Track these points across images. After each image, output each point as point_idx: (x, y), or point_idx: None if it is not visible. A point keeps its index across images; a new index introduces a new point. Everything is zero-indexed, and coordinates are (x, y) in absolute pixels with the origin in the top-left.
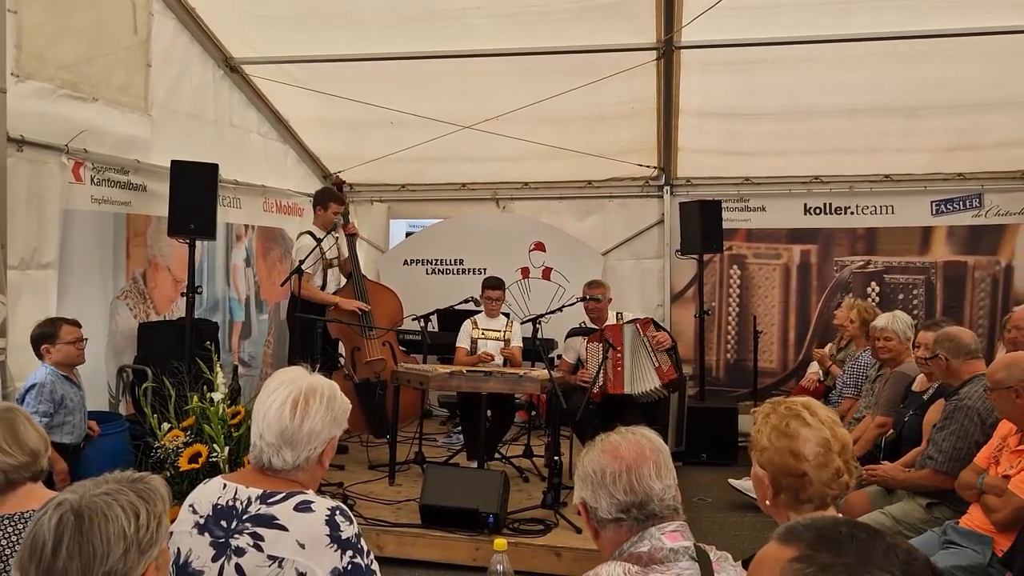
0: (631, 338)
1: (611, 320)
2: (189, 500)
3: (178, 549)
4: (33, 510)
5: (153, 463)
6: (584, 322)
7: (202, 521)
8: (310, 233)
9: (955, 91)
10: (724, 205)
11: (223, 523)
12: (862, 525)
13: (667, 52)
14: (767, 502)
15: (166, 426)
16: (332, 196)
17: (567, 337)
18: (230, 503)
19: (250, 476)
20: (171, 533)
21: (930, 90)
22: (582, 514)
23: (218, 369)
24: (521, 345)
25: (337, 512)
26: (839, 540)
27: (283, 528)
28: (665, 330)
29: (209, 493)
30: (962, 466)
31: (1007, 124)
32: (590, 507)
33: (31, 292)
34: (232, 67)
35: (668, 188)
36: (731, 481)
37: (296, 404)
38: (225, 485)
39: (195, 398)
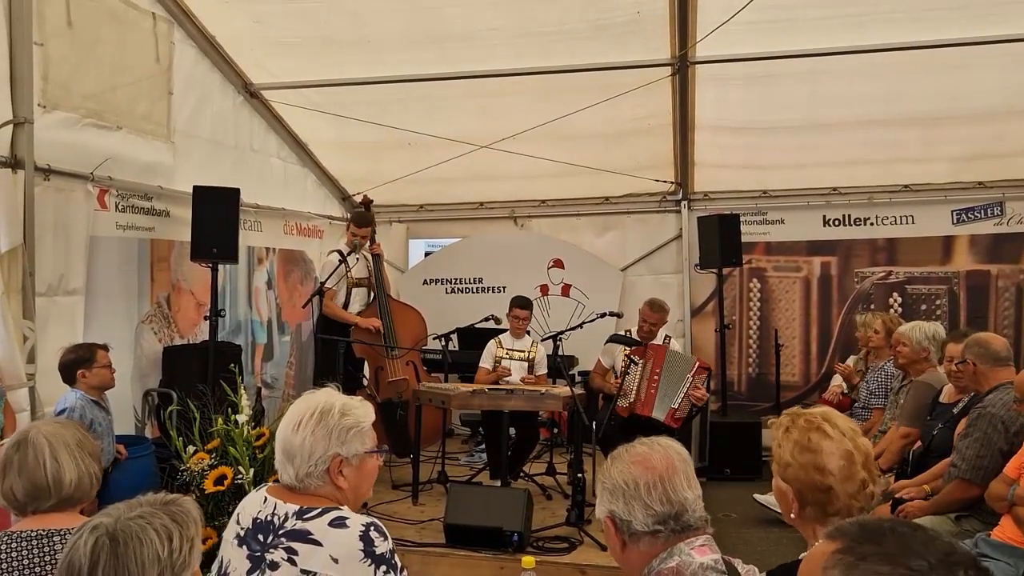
0: (675, 367)
1: (659, 340)
2: (238, 508)
3: (222, 558)
4: (57, 529)
5: (179, 485)
6: (629, 331)
7: (242, 533)
8: (339, 251)
9: (974, 100)
10: (742, 218)
11: (260, 537)
12: (907, 523)
13: (682, 68)
14: (792, 515)
15: (191, 448)
16: (356, 219)
17: (607, 341)
18: (268, 517)
19: (284, 492)
20: (219, 542)
21: (948, 99)
22: (609, 528)
23: (242, 391)
24: (546, 371)
25: (372, 528)
26: (881, 532)
27: (317, 543)
28: (708, 390)
29: (251, 506)
30: (985, 474)
31: None
32: (621, 520)
33: (58, 318)
34: (251, 93)
35: (686, 203)
36: (756, 496)
37: (292, 421)
38: (266, 499)
39: (220, 420)
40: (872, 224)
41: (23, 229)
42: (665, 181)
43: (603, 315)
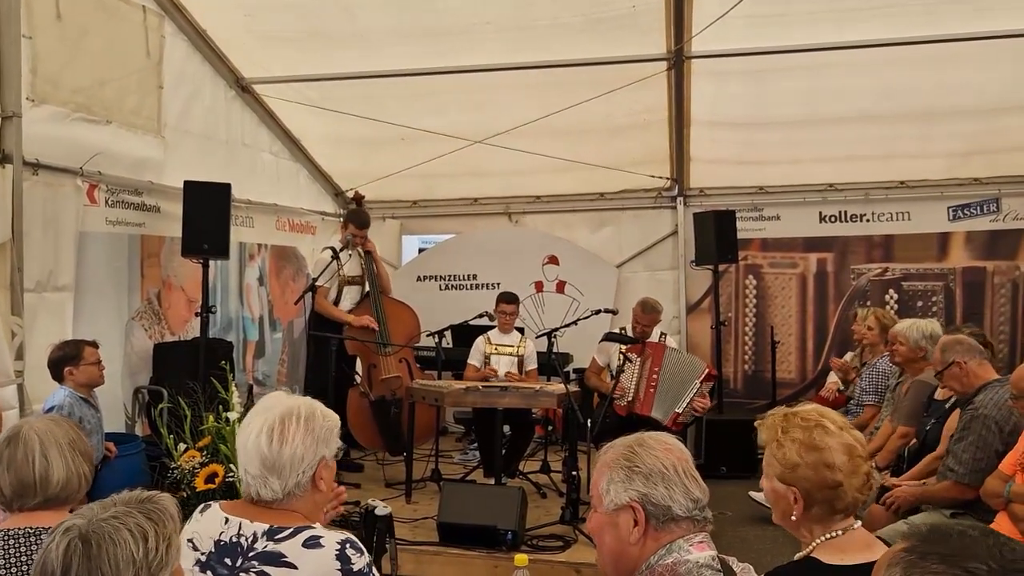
0: (679, 368)
1: (654, 337)
2: (187, 534)
3: None
4: (44, 528)
5: (170, 483)
6: (624, 329)
7: (203, 559)
8: (332, 248)
9: (970, 95)
10: (738, 215)
11: (227, 561)
12: (981, 527)
13: (678, 62)
14: (793, 517)
15: (182, 446)
16: (354, 217)
17: (602, 340)
18: (234, 539)
19: (249, 509)
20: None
21: (945, 95)
22: (633, 514)
23: (233, 388)
24: (536, 366)
25: (347, 545)
26: (948, 535)
27: (292, 566)
28: (711, 399)
29: (209, 528)
30: (984, 476)
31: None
32: (657, 505)
33: (47, 314)
34: (243, 87)
35: (681, 199)
36: (752, 494)
37: (272, 431)
38: (227, 520)
39: (211, 418)
40: (868, 220)
41: (11, 224)
42: (661, 177)
43: (598, 312)
